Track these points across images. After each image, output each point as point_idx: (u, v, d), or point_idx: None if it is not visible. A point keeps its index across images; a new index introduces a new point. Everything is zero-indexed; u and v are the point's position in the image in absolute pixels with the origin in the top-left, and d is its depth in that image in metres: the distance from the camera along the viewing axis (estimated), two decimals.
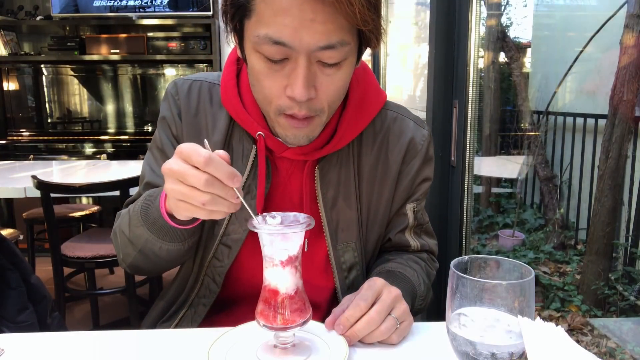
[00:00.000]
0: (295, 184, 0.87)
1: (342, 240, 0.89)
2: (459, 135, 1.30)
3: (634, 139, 2.70)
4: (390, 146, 0.90)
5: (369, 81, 0.88)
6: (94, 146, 3.84)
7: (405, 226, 0.94)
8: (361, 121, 0.86)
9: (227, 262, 0.87)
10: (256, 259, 0.83)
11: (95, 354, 0.71)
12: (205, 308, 0.89)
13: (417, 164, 0.91)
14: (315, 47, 0.66)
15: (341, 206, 0.88)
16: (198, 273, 0.90)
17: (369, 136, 0.89)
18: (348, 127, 0.84)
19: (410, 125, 0.91)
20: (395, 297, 0.74)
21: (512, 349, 0.55)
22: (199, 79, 0.90)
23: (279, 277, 0.66)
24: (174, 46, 3.91)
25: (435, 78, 1.31)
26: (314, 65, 0.69)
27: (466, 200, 1.30)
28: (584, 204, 3.37)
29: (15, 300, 1.03)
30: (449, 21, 1.28)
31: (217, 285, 0.89)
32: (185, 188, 0.62)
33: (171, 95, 0.89)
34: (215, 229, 0.87)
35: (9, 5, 3.92)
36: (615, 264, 2.75)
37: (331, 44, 0.67)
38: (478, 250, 3.40)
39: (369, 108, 0.87)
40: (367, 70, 0.89)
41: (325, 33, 0.66)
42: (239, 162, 0.86)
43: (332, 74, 0.71)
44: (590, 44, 3.26)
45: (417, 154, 0.90)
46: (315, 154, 0.83)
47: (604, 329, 2.40)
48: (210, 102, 0.88)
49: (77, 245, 2.28)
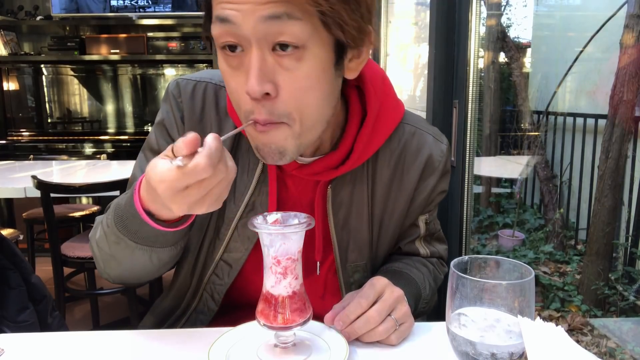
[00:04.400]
0: (305, 202, 0.83)
1: (352, 261, 0.86)
2: (459, 135, 1.30)
3: (634, 139, 2.70)
4: (407, 163, 0.84)
5: (388, 92, 0.81)
6: (94, 146, 3.84)
7: (416, 236, 0.92)
8: (378, 138, 0.80)
9: (228, 280, 0.84)
10: (258, 281, 0.77)
11: (95, 354, 0.71)
12: (202, 325, 0.86)
13: (434, 180, 0.86)
14: (259, 18, 0.59)
15: (353, 226, 0.84)
16: (197, 287, 0.86)
17: (385, 153, 0.83)
18: (366, 146, 0.78)
19: (428, 141, 0.85)
20: (397, 298, 0.73)
21: (512, 349, 0.55)
22: (204, 79, 0.82)
23: (280, 276, 0.66)
24: (174, 46, 3.91)
25: (435, 78, 1.31)
26: (268, 55, 0.62)
27: (466, 200, 1.30)
28: (584, 204, 3.37)
29: (16, 300, 1.03)
30: (449, 21, 1.28)
31: (215, 303, 0.85)
32: (198, 190, 0.57)
33: (173, 97, 0.82)
34: (216, 244, 0.83)
35: (9, 5, 3.92)
36: (615, 264, 2.75)
37: (276, 13, 0.59)
38: (478, 250, 3.40)
39: (387, 123, 0.80)
40: (385, 80, 0.81)
41: (268, 2, 0.59)
42: (243, 175, 0.80)
43: (292, 68, 0.62)
44: (590, 44, 3.26)
45: (435, 171, 0.85)
46: (330, 174, 0.79)
47: (604, 329, 2.40)
48: (216, 108, 0.81)
49: (77, 245, 2.27)
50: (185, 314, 0.88)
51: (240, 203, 0.81)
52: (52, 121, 3.97)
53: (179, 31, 4.00)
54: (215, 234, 0.83)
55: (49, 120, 3.97)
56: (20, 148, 3.85)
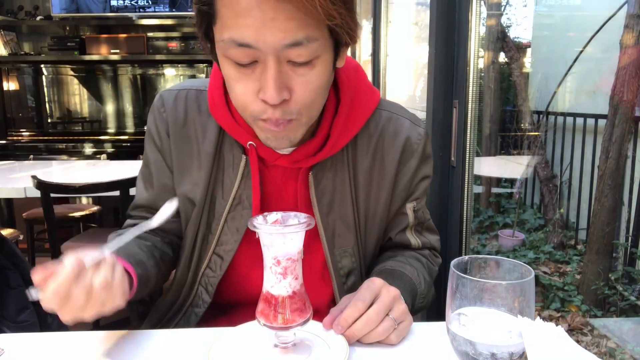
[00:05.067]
0: (289, 192, 0.86)
1: (339, 246, 0.88)
2: (459, 135, 1.30)
3: (634, 139, 2.70)
4: (386, 148, 0.87)
5: (361, 81, 0.86)
6: (94, 146, 3.84)
7: (405, 226, 0.93)
8: (355, 124, 0.84)
9: (220, 272, 0.87)
10: (249, 271, 0.83)
11: (95, 354, 0.71)
12: (197, 318, 0.89)
13: (414, 163, 0.88)
14: (281, 46, 0.64)
15: (337, 212, 0.87)
16: (192, 282, 0.89)
17: (364, 139, 0.86)
18: (341, 131, 0.82)
19: (405, 125, 0.88)
20: (393, 297, 0.73)
21: (512, 349, 0.55)
22: (185, 87, 0.88)
23: (279, 276, 0.66)
24: (174, 46, 3.91)
25: (435, 78, 1.31)
26: (284, 66, 0.67)
27: (466, 200, 1.30)
28: (584, 204, 3.37)
29: (16, 300, 1.03)
30: (449, 21, 1.28)
31: (209, 295, 0.88)
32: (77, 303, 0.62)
33: (157, 109, 0.87)
34: (209, 239, 0.87)
35: (9, 5, 3.92)
36: (615, 264, 2.75)
37: (297, 40, 0.64)
38: (478, 250, 3.40)
39: (362, 109, 0.84)
40: (358, 69, 0.87)
41: (289, 30, 0.63)
42: (229, 171, 0.85)
43: (305, 74, 0.68)
44: (590, 44, 3.26)
45: (414, 154, 0.88)
46: (309, 161, 0.82)
47: (604, 329, 2.40)
48: (198, 110, 0.86)
49: (77, 245, 2.27)
50: (182, 308, 0.90)
51: (227, 197, 0.85)
52: (52, 121, 3.97)
53: (179, 31, 4.00)
54: (208, 229, 0.87)
55: (49, 120, 3.97)
56: (20, 148, 3.84)
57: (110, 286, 0.63)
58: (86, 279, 0.62)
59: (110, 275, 0.64)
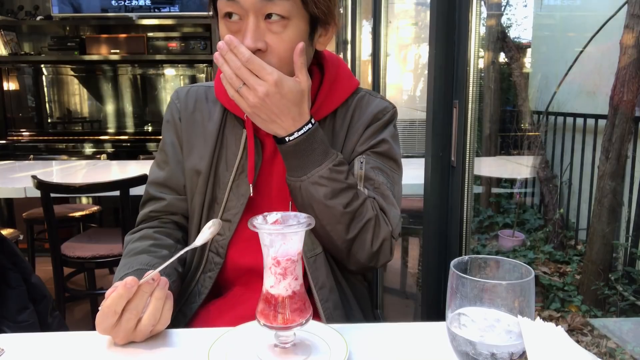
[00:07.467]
0: (281, 159, 0.92)
1: None
2: (459, 136, 1.29)
3: (634, 139, 2.70)
4: (356, 118, 0.99)
5: (343, 68, 1.01)
6: (94, 146, 3.84)
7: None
8: (335, 99, 0.97)
9: (229, 234, 0.95)
10: (250, 246, 0.93)
11: (95, 354, 0.71)
12: (211, 280, 0.96)
13: (378, 125, 0.98)
14: (258, 0, 0.79)
15: None
16: (202, 249, 0.96)
17: (342, 112, 0.99)
18: (324, 101, 0.95)
19: (376, 102, 1.01)
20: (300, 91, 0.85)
21: (512, 349, 0.55)
22: (196, 85, 1.05)
23: (279, 277, 0.66)
24: (174, 46, 3.91)
25: (435, 78, 1.31)
26: (262, 22, 0.82)
27: (466, 201, 1.30)
28: (584, 204, 3.38)
29: (16, 300, 1.03)
30: (449, 21, 1.27)
31: (220, 257, 0.96)
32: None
33: (172, 101, 1.04)
34: (215, 208, 0.96)
35: (9, 5, 3.92)
36: (615, 264, 2.75)
37: None
38: (478, 250, 3.40)
39: (342, 86, 0.99)
40: (340, 61, 1.02)
41: None
42: (232, 147, 0.97)
43: (279, 32, 0.82)
44: (590, 44, 3.26)
45: (379, 120, 0.98)
46: None
47: (604, 329, 2.40)
48: (205, 100, 1.02)
49: (77, 245, 2.28)
50: (194, 277, 0.97)
51: (232, 168, 0.96)
52: (52, 121, 3.97)
53: (179, 31, 4.00)
54: (213, 199, 0.97)
55: (49, 120, 3.97)
56: (20, 148, 3.85)
57: (159, 311, 0.72)
58: (139, 303, 0.69)
59: (162, 303, 0.72)
